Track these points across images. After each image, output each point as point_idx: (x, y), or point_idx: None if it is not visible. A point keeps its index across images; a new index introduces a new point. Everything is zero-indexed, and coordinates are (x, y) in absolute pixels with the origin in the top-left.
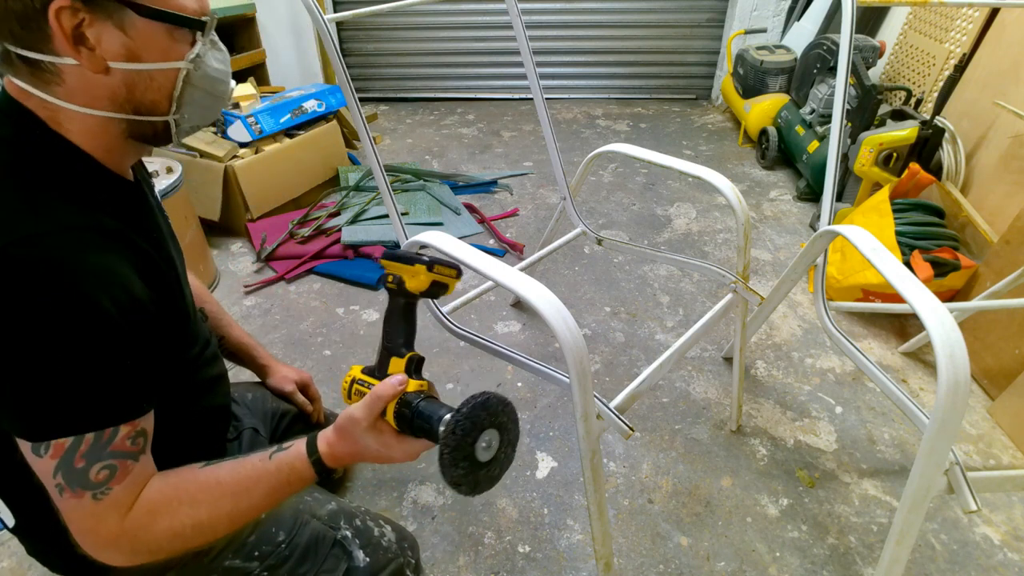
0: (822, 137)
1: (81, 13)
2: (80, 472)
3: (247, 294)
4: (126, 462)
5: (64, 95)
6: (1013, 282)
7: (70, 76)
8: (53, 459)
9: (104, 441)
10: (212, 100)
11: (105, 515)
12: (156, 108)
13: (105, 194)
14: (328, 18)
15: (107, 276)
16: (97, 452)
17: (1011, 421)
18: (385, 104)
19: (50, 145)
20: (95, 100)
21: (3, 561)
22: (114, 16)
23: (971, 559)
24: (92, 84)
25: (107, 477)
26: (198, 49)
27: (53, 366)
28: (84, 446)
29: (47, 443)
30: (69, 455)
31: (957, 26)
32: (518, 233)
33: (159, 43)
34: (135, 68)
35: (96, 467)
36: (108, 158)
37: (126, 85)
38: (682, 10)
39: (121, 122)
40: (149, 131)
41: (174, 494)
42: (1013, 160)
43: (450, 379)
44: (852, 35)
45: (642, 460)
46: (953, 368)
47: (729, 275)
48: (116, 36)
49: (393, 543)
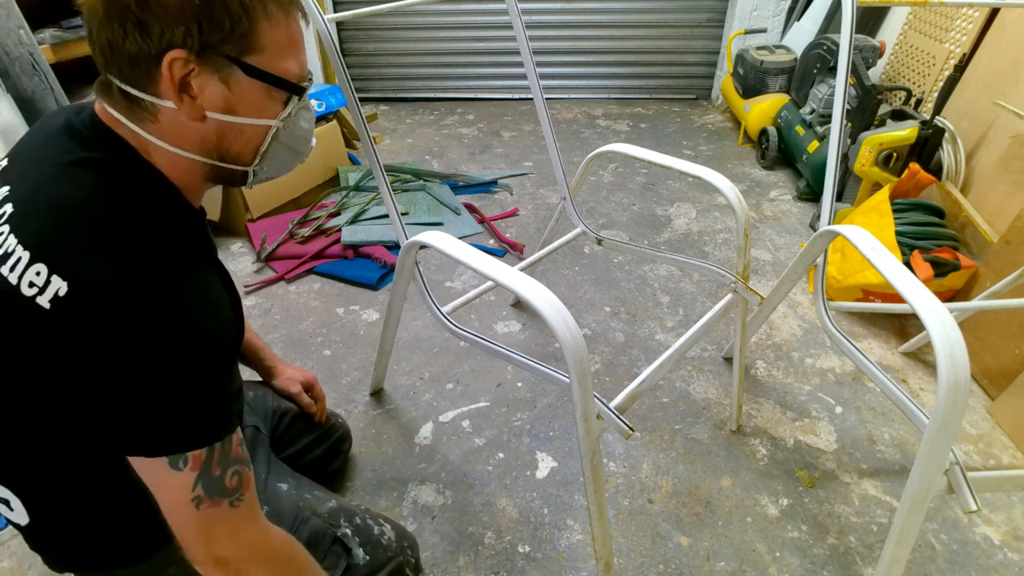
0: (822, 137)
1: (192, 64)
2: (217, 480)
3: (247, 294)
4: (244, 468)
5: (156, 132)
6: (1013, 282)
7: (165, 117)
8: (193, 471)
9: (228, 448)
10: (292, 156)
11: (244, 522)
12: (240, 159)
13: (183, 223)
14: (328, 18)
15: (210, 296)
16: (226, 459)
17: (1011, 421)
18: (385, 104)
19: (143, 172)
20: (185, 143)
21: (3, 561)
22: (222, 71)
23: (971, 559)
24: (185, 128)
25: (238, 483)
26: (290, 109)
27: (182, 385)
28: (216, 454)
29: (185, 456)
30: (207, 465)
31: (957, 26)
32: (518, 233)
33: (256, 100)
34: (230, 120)
35: (228, 473)
36: (187, 191)
37: (217, 134)
38: (682, 10)
39: (205, 165)
40: (227, 175)
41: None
42: (1013, 160)
43: (450, 379)
44: (852, 35)
45: (642, 460)
46: (953, 368)
47: (729, 275)
48: (219, 89)
49: (393, 541)
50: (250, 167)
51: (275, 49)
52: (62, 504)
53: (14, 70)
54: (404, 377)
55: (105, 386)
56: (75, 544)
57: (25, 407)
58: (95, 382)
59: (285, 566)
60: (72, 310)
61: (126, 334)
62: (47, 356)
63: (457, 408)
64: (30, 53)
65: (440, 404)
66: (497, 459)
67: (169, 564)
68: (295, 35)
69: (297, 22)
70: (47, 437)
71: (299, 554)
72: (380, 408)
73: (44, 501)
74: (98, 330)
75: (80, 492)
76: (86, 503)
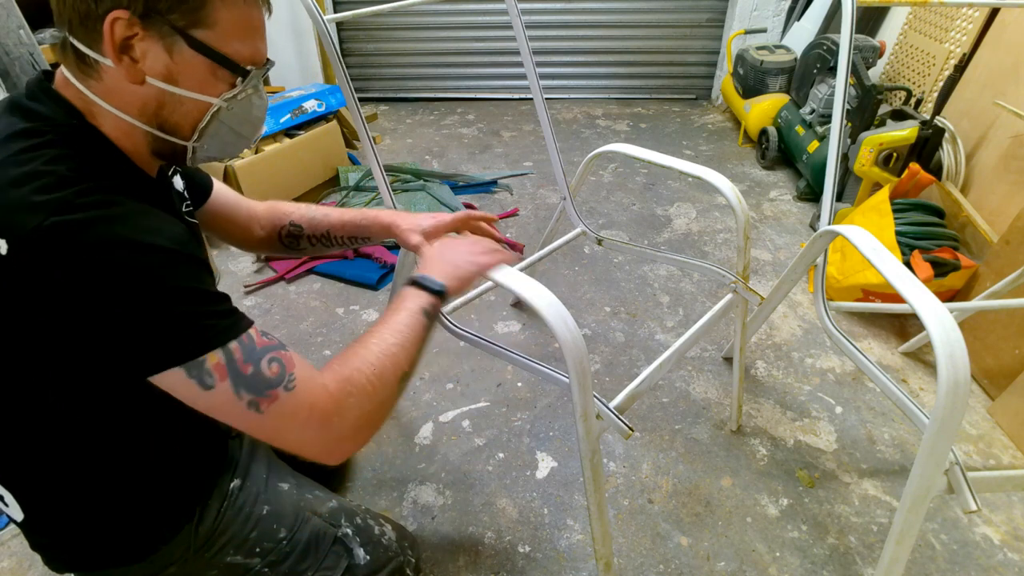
0: (822, 137)
1: (136, 28)
2: (254, 376)
3: (247, 294)
4: (281, 352)
5: (100, 92)
6: (1013, 282)
7: (109, 77)
8: (224, 380)
9: (249, 344)
10: (235, 138)
11: (308, 394)
12: (178, 131)
13: (132, 185)
14: (328, 18)
15: (150, 219)
16: (252, 354)
17: (1011, 421)
18: (385, 104)
19: (84, 136)
20: (125, 105)
21: (3, 561)
22: (166, 39)
23: (971, 559)
24: (126, 90)
25: (280, 368)
26: (237, 91)
27: (151, 302)
28: (238, 354)
29: (206, 369)
30: (233, 368)
31: (957, 26)
32: (518, 233)
33: (199, 75)
34: (168, 89)
35: (264, 364)
36: (136, 158)
37: (157, 101)
38: (682, 10)
39: (148, 134)
40: (167, 149)
41: (347, 360)
42: (1013, 160)
43: (450, 379)
44: (852, 35)
45: (642, 460)
46: (953, 368)
47: (729, 275)
48: (162, 56)
49: (393, 541)
50: (189, 142)
51: (227, 28)
52: (56, 500)
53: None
54: None
55: (79, 327)
56: (72, 542)
57: (5, 381)
58: (67, 327)
59: (367, 381)
60: (17, 265)
61: (75, 273)
62: (9, 316)
63: (457, 408)
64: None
65: (440, 404)
66: (497, 459)
67: (169, 564)
68: (253, 20)
69: (258, 8)
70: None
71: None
72: None
73: (37, 496)
74: (49, 276)
75: (74, 488)
76: (81, 499)
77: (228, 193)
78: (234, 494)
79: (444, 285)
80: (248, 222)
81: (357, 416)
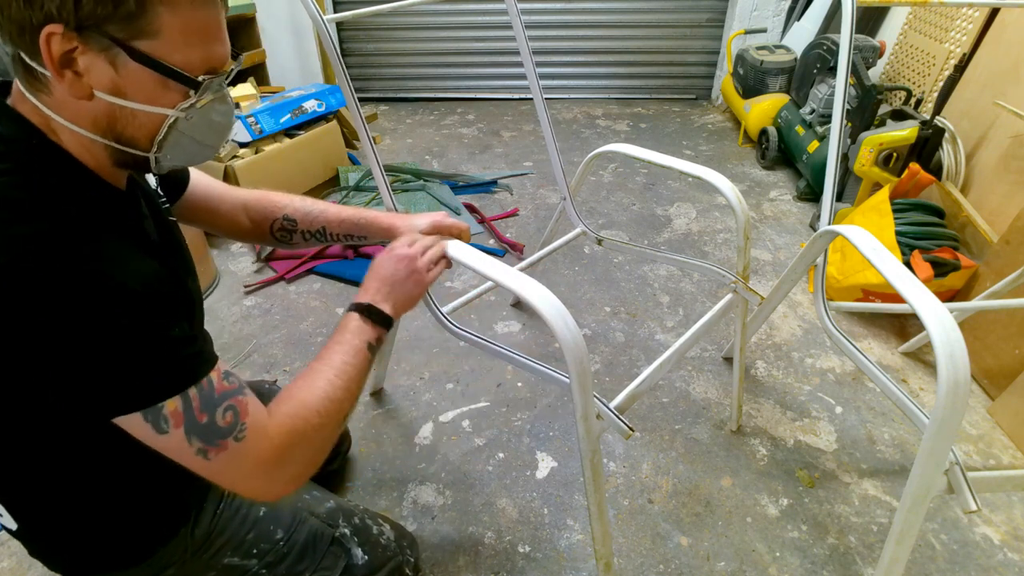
0: (822, 137)
1: (74, 41)
2: (208, 425)
3: (247, 294)
4: (238, 398)
5: (52, 106)
6: (1013, 282)
7: (56, 90)
8: (178, 428)
9: (208, 391)
10: (199, 148)
11: (255, 445)
12: (136, 144)
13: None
14: (328, 18)
15: (121, 256)
16: (209, 402)
17: (1011, 421)
18: (385, 104)
19: (42, 153)
20: (78, 118)
21: (3, 561)
22: (107, 51)
23: (971, 559)
24: (76, 104)
25: (234, 417)
26: (194, 100)
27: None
28: (195, 402)
29: (163, 416)
30: (189, 416)
31: (957, 26)
32: (518, 233)
33: (148, 88)
34: (120, 103)
35: (219, 413)
36: (101, 171)
37: (108, 116)
38: (682, 10)
39: (106, 146)
40: (129, 160)
41: (295, 406)
42: (1013, 160)
43: (450, 379)
44: (852, 35)
45: (642, 460)
46: (953, 368)
47: (729, 275)
48: (106, 70)
49: (392, 541)
50: (149, 153)
51: (173, 36)
52: (48, 509)
53: None
54: (404, 377)
55: (39, 370)
56: (68, 549)
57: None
58: (27, 369)
59: (312, 430)
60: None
61: (34, 316)
62: None
63: (457, 408)
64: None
65: (440, 404)
66: (497, 459)
67: (167, 566)
68: (203, 22)
69: (210, 9)
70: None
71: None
72: (380, 408)
73: (29, 507)
74: (6, 318)
75: (66, 497)
76: (74, 508)
77: (208, 184)
78: (230, 496)
79: (391, 317)
80: (232, 212)
81: (299, 464)
